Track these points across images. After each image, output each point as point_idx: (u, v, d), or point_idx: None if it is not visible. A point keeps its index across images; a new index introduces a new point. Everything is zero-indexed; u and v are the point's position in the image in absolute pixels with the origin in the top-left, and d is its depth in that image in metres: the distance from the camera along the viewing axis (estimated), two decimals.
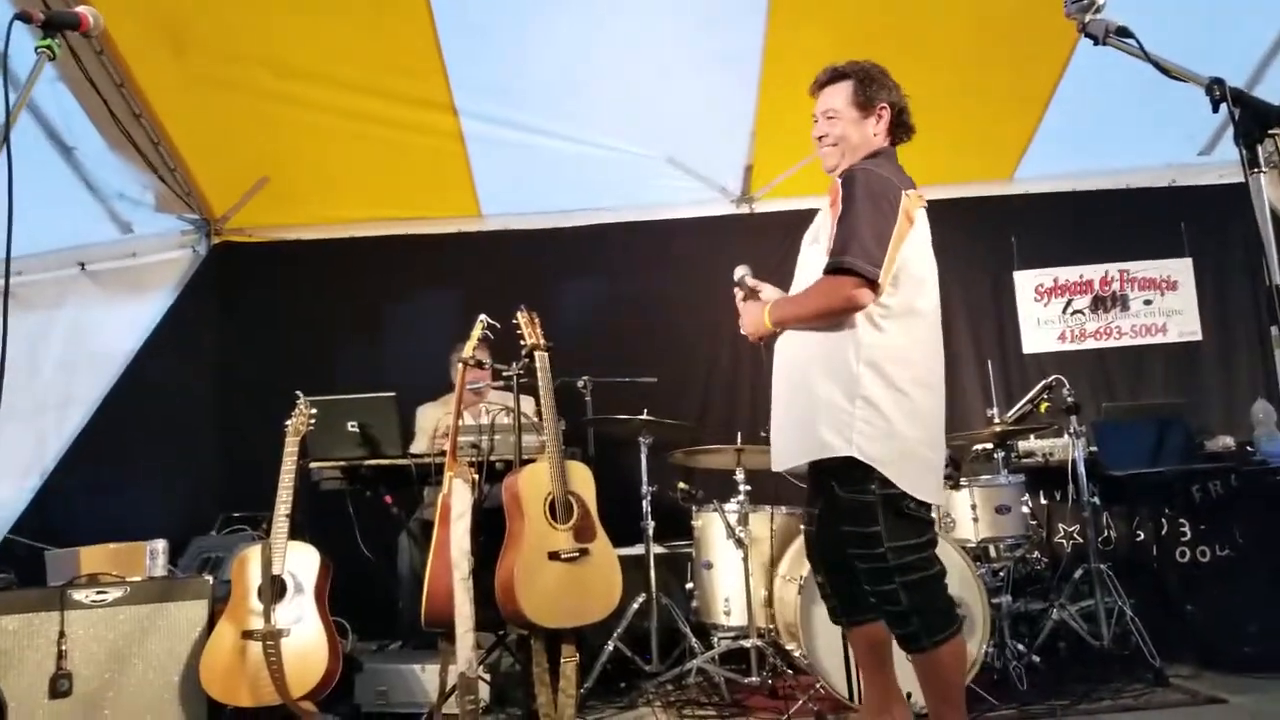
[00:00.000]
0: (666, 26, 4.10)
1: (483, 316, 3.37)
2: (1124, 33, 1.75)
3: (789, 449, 2.37)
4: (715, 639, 3.68)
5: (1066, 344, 5.11)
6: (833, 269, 2.19)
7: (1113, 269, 5.16)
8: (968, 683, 3.09)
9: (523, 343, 3.36)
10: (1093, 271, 5.16)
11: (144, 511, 4.11)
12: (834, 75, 2.43)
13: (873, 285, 2.17)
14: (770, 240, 4.33)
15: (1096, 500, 3.78)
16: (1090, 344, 5.11)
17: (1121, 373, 5.07)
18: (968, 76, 4.42)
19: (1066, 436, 3.93)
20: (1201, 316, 5.09)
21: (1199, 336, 5.09)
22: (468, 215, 4.95)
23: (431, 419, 4.06)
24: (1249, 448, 4.26)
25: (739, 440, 3.72)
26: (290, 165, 4.58)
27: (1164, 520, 3.96)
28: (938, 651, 2.22)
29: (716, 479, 4.04)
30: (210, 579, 3.27)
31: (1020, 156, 4.98)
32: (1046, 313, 5.13)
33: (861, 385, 2.20)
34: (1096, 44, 1.78)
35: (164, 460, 4.58)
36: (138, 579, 3.21)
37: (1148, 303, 5.13)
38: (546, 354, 3.33)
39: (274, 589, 3.08)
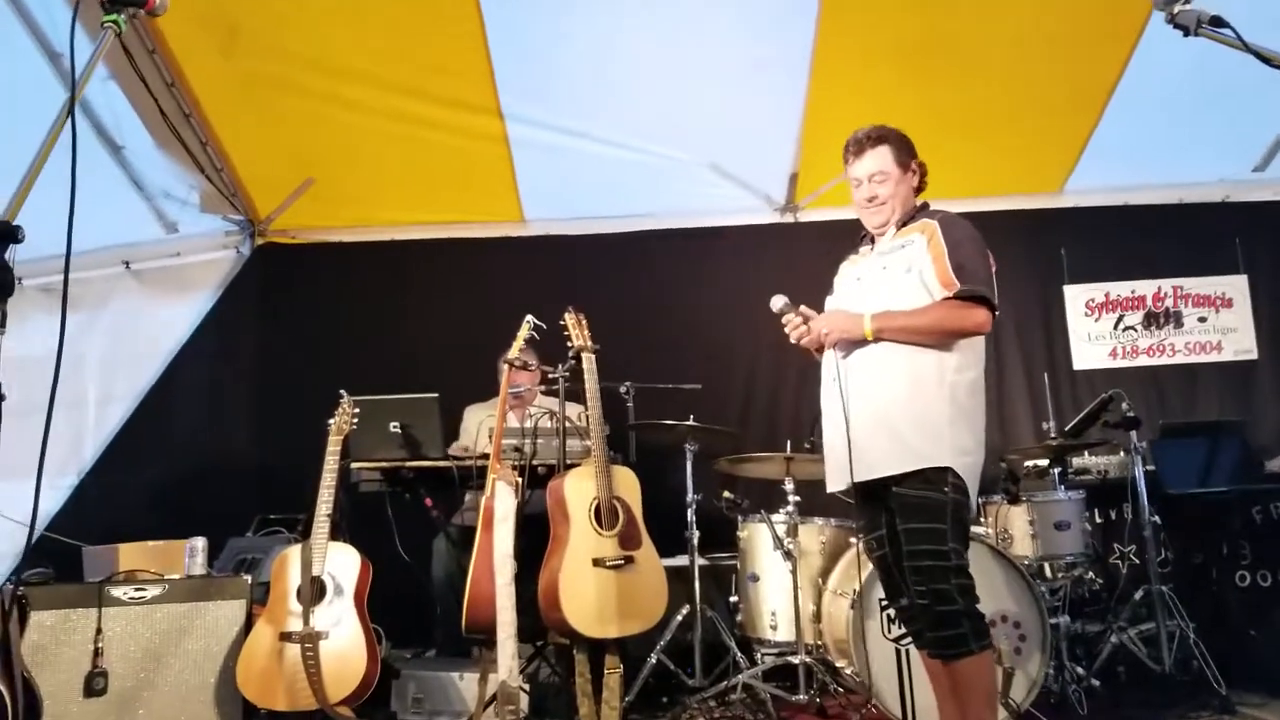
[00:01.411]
0: (713, 32, 4.04)
1: (529, 318, 3.33)
2: (1218, 22, 1.66)
3: (880, 460, 2.38)
4: (760, 654, 3.58)
5: (1118, 360, 4.96)
6: (969, 296, 2.34)
7: (1166, 285, 5.01)
8: (1028, 705, 3.01)
9: (569, 344, 3.31)
10: (1145, 287, 5.02)
11: (179, 511, 4.07)
12: (874, 139, 2.53)
13: (994, 315, 2.38)
14: (814, 250, 4.17)
15: (1157, 519, 3.64)
16: (1143, 361, 4.96)
17: (1175, 391, 4.92)
18: (1018, 87, 4.34)
19: (1123, 453, 3.81)
20: (1258, 334, 4.94)
21: (1255, 355, 4.93)
22: (510, 220, 4.93)
23: (476, 420, 4.00)
24: None
25: (788, 449, 3.62)
26: (335, 167, 4.58)
27: (1223, 542, 3.83)
28: (984, 655, 2.28)
29: (759, 489, 3.95)
30: (249, 579, 3.21)
31: (1071, 169, 4.87)
32: (1097, 328, 4.99)
33: (950, 405, 2.36)
34: (1186, 35, 1.69)
35: (201, 460, 4.56)
36: (176, 577, 3.15)
37: (1202, 320, 4.98)
38: (594, 356, 3.27)
39: (313, 590, 3.02)
